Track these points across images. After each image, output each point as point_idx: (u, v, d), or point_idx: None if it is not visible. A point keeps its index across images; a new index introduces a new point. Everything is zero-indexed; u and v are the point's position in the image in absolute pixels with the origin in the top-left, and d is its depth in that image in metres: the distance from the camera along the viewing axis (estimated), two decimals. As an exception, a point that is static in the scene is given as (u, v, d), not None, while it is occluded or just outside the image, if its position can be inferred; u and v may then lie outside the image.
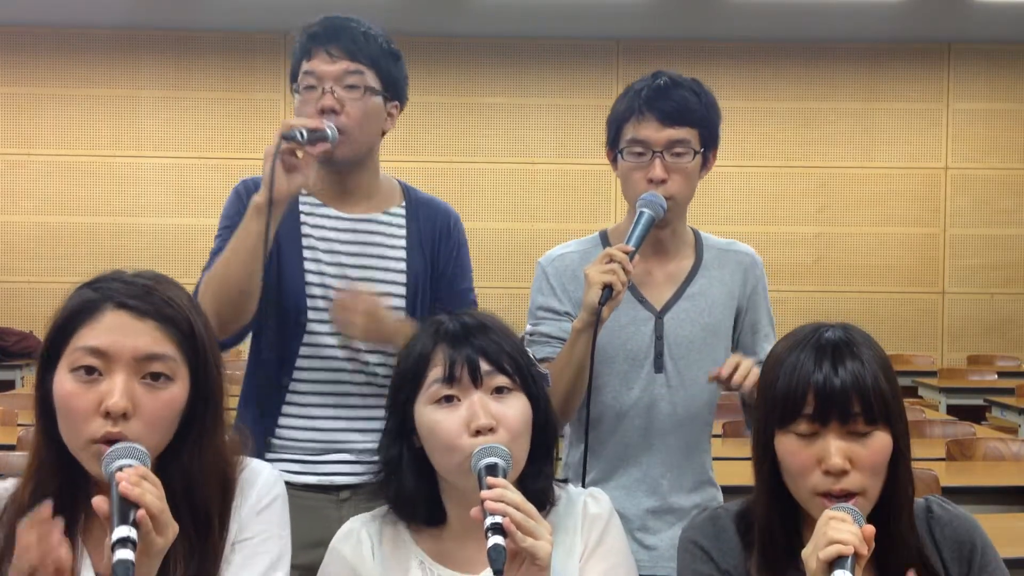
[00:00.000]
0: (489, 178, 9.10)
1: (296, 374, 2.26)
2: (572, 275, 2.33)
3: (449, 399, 1.68)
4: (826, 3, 8.35)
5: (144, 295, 1.53)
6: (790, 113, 9.21)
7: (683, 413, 2.33)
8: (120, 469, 1.40)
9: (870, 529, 1.49)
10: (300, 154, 2.12)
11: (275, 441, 2.26)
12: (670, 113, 2.23)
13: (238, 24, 8.83)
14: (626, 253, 2.15)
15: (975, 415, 6.91)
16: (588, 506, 1.77)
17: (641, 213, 2.21)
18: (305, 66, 2.25)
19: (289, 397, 2.26)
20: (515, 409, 1.69)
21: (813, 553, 1.48)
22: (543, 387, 1.78)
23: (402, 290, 2.31)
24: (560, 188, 9.08)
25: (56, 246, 8.95)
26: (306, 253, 2.27)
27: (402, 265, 2.33)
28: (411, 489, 1.73)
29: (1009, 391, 7.04)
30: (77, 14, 8.69)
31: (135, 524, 1.34)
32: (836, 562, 1.45)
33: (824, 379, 1.58)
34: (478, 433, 1.64)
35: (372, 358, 2.27)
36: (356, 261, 2.30)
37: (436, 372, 1.70)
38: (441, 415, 1.68)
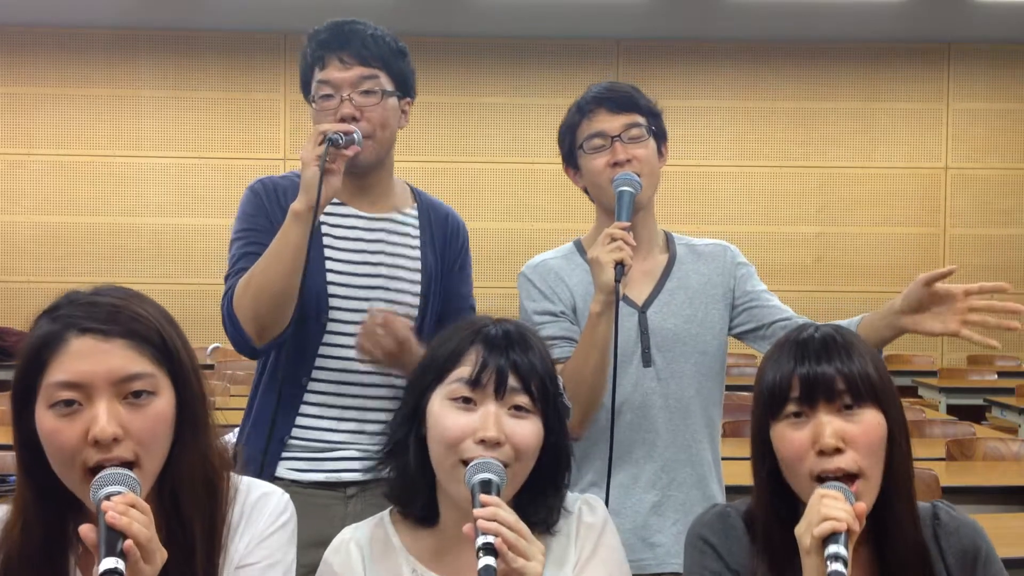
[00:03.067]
0: (489, 178, 9.09)
1: (314, 373, 2.27)
2: (557, 278, 2.40)
3: (467, 400, 1.67)
4: (826, 3, 8.35)
5: (106, 316, 1.46)
6: (790, 113, 9.20)
7: (675, 405, 2.35)
8: (108, 497, 1.36)
9: (861, 506, 1.52)
10: (330, 157, 2.13)
11: (290, 441, 2.26)
12: (618, 101, 2.37)
13: (238, 24, 8.82)
14: (623, 229, 2.22)
15: (975, 415, 6.91)
16: (583, 514, 1.75)
17: (621, 193, 2.29)
18: (319, 75, 2.26)
19: (307, 396, 2.27)
20: (527, 430, 1.66)
21: (807, 531, 1.50)
22: (563, 418, 1.76)
23: (418, 288, 2.34)
24: (560, 188, 9.04)
25: (56, 246, 8.95)
26: (328, 253, 2.29)
27: (418, 264, 2.35)
28: (412, 474, 1.72)
29: (1009, 391, 7.03)
30: (77, 14, 8.69)
31: (122, 555, 1.31)
32: (830, 537, 1.48)
33: (808, 367, 1.62)
34: (482, 443, 1.63)
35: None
36: (379, 259, 2.32)
37: (463, 371, 1.68)
38: (453, 413, 1.67)
